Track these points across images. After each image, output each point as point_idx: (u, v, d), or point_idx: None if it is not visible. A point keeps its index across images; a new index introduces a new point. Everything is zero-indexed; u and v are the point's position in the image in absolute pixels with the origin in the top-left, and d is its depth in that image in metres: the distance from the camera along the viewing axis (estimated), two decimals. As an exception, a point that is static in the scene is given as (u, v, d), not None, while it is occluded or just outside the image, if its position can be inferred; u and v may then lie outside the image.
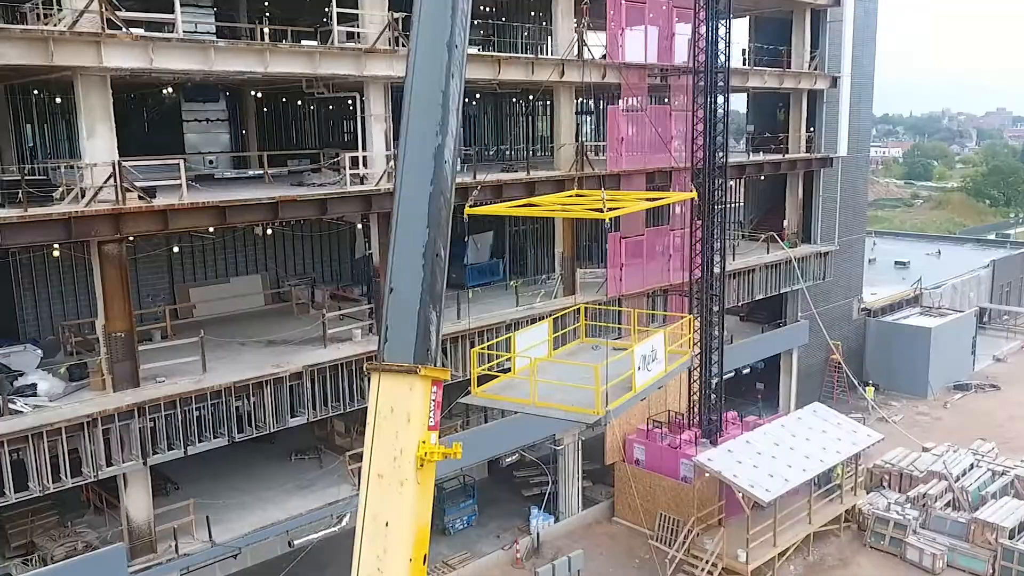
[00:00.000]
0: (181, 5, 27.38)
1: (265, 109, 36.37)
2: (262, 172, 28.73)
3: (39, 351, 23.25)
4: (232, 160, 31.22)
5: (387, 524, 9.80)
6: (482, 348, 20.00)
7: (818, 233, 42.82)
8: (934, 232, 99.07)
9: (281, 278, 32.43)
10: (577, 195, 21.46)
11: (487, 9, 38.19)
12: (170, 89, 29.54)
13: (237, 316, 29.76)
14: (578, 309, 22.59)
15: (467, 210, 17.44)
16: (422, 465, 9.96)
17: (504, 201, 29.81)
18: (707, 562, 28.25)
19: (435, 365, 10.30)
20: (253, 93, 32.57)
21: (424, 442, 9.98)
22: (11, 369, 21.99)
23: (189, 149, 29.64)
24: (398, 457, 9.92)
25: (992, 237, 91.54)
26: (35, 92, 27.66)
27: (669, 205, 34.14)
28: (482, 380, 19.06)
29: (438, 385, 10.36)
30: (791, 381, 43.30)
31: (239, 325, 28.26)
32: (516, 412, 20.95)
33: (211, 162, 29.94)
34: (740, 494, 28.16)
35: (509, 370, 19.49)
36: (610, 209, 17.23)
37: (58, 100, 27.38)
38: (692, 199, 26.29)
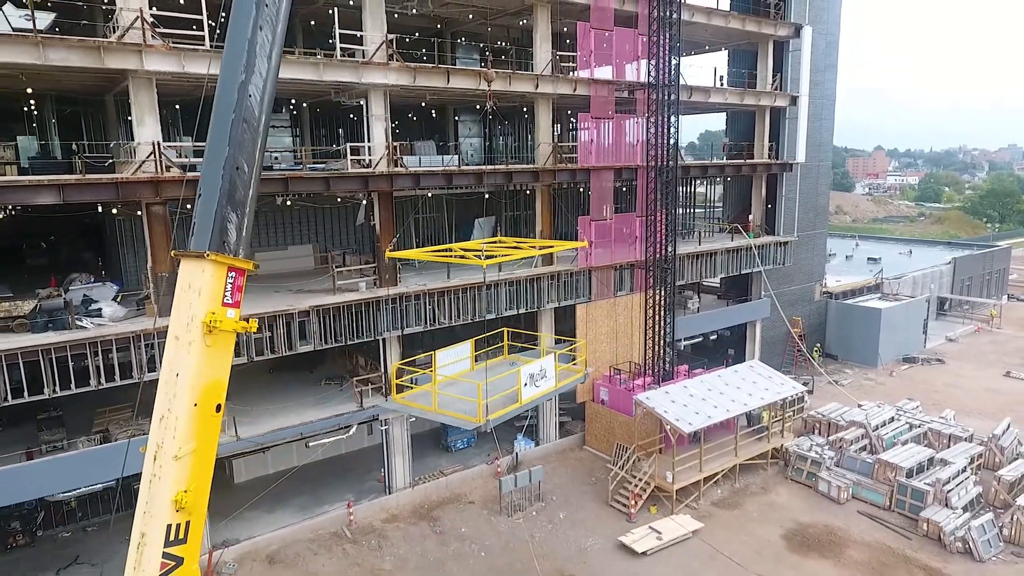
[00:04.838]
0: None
1: (331, 122, 37.02)
2: (313, 164, 29.17)
3: (115, 287, 24.31)
4: (292, 157, 31.87)
5: (178, 375, 9.76)
6: (401, 363, 20.46)
7: (780, 226, 40.49)
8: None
9: (328, 248, 32.95)
10: (499, 241, 21.03)
11: (504, 44, 37.75)
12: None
13: (289, 274, 30.30)
14: (502, 332, 22.41)
15: (387, 254, 19.64)
16: (211, 331, 9.85)
17: (487, 185, 29.64)
18: (641, 480, 27.10)
19: (236, 256, 10.16)
20: (305, 105, 33.17)
21: (214, 313, 9.87)
22: (92, 299, 23.11)
23: (258, 148, 30.39)
24: (189, 323, 9.87)
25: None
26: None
27: (634, 194, 32.98)
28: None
29: (239, 272, 10.22)
30: (755, 348, 41.17)
31: (287, 280, 28.78)
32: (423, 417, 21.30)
33: (276, 158, 30.61)
34: (668, 427, 26.92)
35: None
36: (488, 257, 17.90)
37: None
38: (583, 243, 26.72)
